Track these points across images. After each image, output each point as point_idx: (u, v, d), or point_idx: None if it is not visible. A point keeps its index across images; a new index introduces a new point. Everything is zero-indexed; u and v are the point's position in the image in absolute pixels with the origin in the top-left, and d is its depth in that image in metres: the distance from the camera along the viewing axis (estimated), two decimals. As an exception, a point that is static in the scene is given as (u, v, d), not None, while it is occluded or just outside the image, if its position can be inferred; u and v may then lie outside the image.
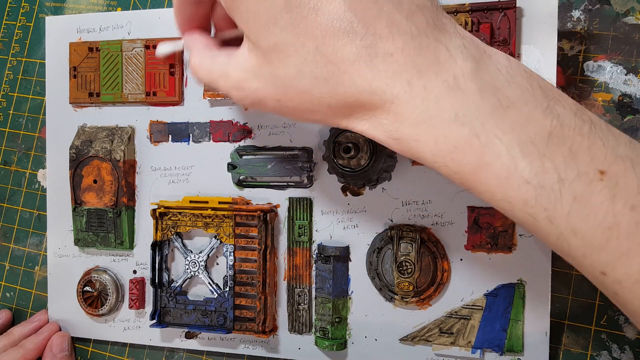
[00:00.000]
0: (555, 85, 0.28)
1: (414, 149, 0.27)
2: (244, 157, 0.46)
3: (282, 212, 0.46)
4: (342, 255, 0.44)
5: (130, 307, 0.49)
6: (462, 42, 0.27)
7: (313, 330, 0.45)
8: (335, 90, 0.27)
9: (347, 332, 0.45)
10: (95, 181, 0.49)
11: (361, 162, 0.41)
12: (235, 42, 0.35)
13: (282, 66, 0.28)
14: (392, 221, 0.44)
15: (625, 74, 0.41)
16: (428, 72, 0.26)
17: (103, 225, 0.49)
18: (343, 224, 0.45)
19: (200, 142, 0.48)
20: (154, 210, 0.47)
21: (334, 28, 0.26)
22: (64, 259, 0.51)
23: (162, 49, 0.44)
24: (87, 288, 0.50)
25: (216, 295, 0.46)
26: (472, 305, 0.42)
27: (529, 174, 0.25)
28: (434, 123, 0.26)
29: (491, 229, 0.41)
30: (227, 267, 0.46)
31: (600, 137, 0.25)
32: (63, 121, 0.51)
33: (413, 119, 0.26)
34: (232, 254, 0.46)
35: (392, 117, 0.27)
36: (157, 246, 0.47)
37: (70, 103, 0.50)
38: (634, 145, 0.25)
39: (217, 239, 0.46)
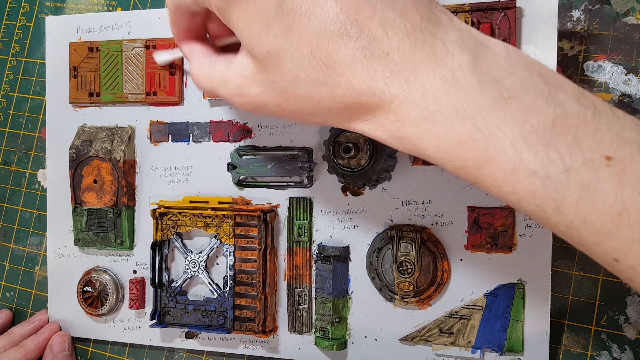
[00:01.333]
0: (555, 71, 0.27)
1: (417, 147, 0.27)
2: (244, 157, 0.46)
3: (282, 212, 0.46)
4: (342, 255, 0.44)
5: (130, 307, 0.49)
6: (459, 35, 0.26)
7: (313, 330, 0.45)
8: (334, 93, 0.27)
9: (347, 332, 0.45)
10: (95, 181, 0.49)
11: (361, 162, 0.41)
12: (233, 47, 0.35)
13: (279, 72, 0.28)
14: (392, 221, 0.44)
15: (625, 74, 0.41)
16: (425, 69, 0.26)
17: (103, 225, 0.49)
18: (343, 224, 0.45)
19: (200, 142, 0.48)
20: (154, 210, 0.47)
21: (327, 31, 0.26)
22: (64, 259, 0.51)
23: (160, 57, 0.45)
24: (87, 288, 0.50)
25: (216, 295, 0.46)
26: (472, 305, 0.42)
27: (534, 165, 0.24)
28: (435, 120, 0.26)
29: (491, 229, 0.41)
30: (227, 267, 0.46)
31: (605, 122, 0.24)
32: (63, 121, 0.51)
33: (414, 117, 0.26)
34: (232, 254, 0.46)
35: (393, 116, 0.27)
36: (157, 246, 0.47)
37: (70, 103, 0.50)
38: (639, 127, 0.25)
39: (217, 239, 0.46)
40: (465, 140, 0.25)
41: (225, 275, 0.46)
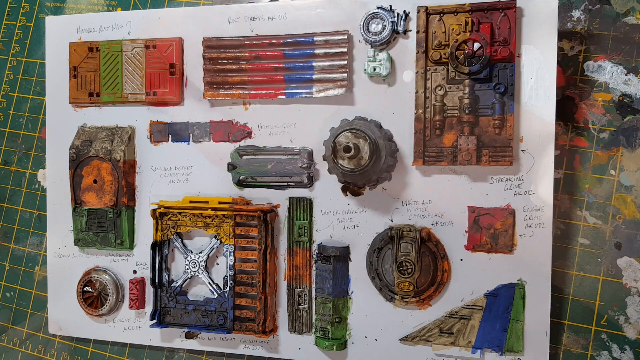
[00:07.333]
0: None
1: None
2: (244, 157, 0.46)
3: (282, 212, 0.46)
4: (342, 255, 0.44)
5: (130, 307, 0.49)
6: None
7: (313, 330, 0.45)
8: None
9: (347, 332, 0.45)
10: (95, 181, 0.49)
11: (361, 162, 0.41)
12: None
13: None
14: (392, 221, 0.44)
15: (625, 74, 0.41)
16: None
17: (103, 225, 0.49)
18: (343, 224, 0.45)
19: (200, 142, 0.48)
20: (154, 210, 0.47)
21: None
22: (64, 259, 0.51)
23: None
24: (87, 288, 0.50)
25: (216, 295, 0.46)
26: (472, 305, 0.42)
27: None
28: None
29: (491, 229, 0.41)
30: (227, 267, 0.46)
31: None
32: (63, 121, 0.51)
33: None
34: (232, 254, 0.46)
35: None
36: (157, 246, 0.47)
37: (70, 103, 0.50)
38: None
39: (217, 239, 0.46)
40: None
41: (225, 275, 0.46)
